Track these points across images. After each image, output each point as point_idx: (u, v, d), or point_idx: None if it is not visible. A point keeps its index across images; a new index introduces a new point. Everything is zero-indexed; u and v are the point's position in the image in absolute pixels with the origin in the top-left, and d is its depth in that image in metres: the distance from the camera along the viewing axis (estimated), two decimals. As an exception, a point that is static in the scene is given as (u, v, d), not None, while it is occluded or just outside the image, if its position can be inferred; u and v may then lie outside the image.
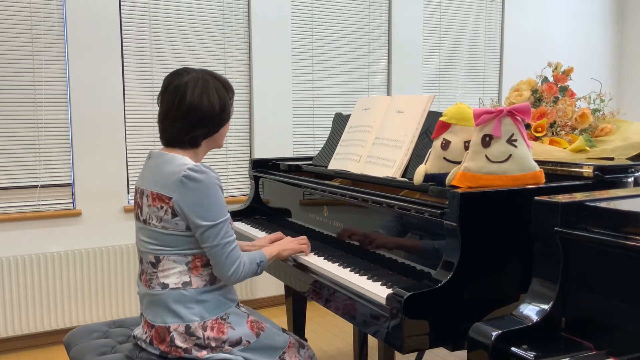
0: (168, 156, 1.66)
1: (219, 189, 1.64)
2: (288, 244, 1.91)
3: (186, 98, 1.64)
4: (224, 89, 1.71)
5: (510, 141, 1.56)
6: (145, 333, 1.70)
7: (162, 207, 1.63)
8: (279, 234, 2.11)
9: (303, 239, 1.96)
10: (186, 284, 1.65)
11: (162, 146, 1.75)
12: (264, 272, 2.07)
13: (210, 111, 1.67)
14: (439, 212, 1.53)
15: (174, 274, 1.66)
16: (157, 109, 1.72)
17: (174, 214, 1.62)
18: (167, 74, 1.73)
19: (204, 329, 1.65)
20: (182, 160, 1.64)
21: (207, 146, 1.74)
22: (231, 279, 1.66)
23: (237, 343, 1.68)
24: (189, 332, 1.63)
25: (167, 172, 1.63)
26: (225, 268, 1.64)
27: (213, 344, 1.65)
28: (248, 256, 1.72)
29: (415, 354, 2.62)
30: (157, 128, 1.72)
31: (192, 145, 1.70)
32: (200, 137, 1.70)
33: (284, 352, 1.77)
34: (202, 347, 1.64)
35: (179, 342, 1.63)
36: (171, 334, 1.63)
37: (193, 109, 1.65)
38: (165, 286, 1.65)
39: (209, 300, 1.68)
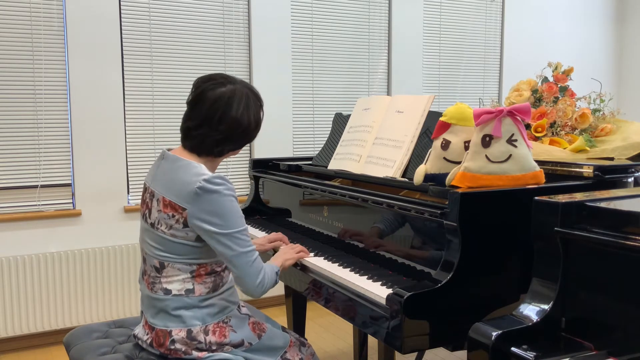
0: (184, 162, 1.63)
1: (235, 200, 1.62)
2: (287, 255, 1.87)
3: (231, 113, 1.63)
4: (260, 105, 1.73)
5: (510, 141, 1.56)
6: (147, 334, 1.70)
7: (173, 216, 1.59)
8: (279, 234, 2.11)
9: (297, 247, 1.93)
10: (189, 292, 1.64)
11: (178, 146, 1.72)
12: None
13: (248, 128, 1.68)
14: (439, 212, 1.53)
15: (178, 281, 1.64)
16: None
17: (186, 224, 1.59)
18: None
19: (206, 333, 1.64)
20: (199, 169, 1.60)
21: (227, 156, 1.74)
22: (257, 289, 1.62)
23: (239, 345, 1.67)
24: (190, 337, 1.63)
25: (181, 181, 1.60)
26: (252, 277, 1.60)
27: (214, 347, 1.64)
28: (265, 266, 1.68)
29: (415, 354, 2.62)
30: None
31: (217, 156, 1.69)
32: (228, 150, 1.70)
33: (285, 352, 1.77)
34: (202, 350, 1.64)
35: (179, 345, 1.63)
36: (172, 338, 1.63)
37: (235, 125, 1.65)
38: (167, 292, 1.64)
39: (211, 305, 1.66)
